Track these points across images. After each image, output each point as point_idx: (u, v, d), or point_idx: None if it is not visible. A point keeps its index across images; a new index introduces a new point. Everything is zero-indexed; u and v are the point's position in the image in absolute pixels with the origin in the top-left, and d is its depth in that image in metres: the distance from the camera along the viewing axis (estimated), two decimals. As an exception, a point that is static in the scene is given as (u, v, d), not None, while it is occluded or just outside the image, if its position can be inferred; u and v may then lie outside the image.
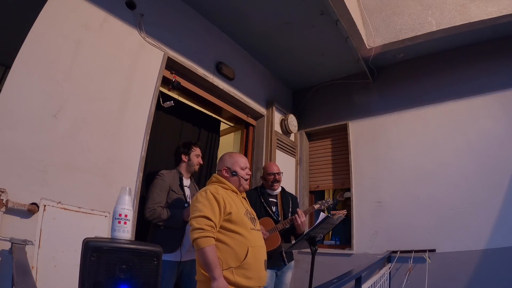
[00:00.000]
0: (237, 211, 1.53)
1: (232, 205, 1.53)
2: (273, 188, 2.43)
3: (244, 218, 1.55)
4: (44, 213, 1.63)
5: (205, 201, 1.47)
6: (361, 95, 3.82)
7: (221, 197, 1.50)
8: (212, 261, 1.36)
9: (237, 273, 1.42)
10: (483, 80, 3.09)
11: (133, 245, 0.96)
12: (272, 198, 2.42)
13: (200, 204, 1.47)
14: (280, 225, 2.23)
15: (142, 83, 2.34)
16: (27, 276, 0.99)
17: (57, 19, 1.86)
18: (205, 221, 1.41)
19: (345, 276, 1.65)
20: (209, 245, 1.37)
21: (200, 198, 1.50)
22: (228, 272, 1.41)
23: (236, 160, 1.72)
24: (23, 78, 1.67)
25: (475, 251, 2.70)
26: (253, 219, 1.63)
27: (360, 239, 3.33)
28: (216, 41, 3.16)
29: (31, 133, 1.67)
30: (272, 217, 2.30)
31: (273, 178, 2.42)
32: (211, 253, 1.36)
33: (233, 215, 1.50)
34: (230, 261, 1.43)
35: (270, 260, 2.20)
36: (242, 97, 3.37)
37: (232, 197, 1.60)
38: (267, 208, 2.33)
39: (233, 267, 1.42)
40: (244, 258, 1.44)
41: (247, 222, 1.55)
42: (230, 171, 1.68)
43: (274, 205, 2.39)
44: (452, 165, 3.02)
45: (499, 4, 2.71)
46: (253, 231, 1.56)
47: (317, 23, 3.05)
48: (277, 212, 2.36)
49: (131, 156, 2.18)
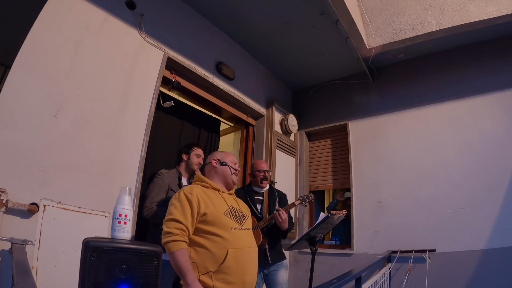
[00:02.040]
0: (214, 211, 1.42)
1: (208, 204, 1.43)
2: (261, 185, 2.41)
3: (223, 218, 1.44)
4: (44, 213, 1.63)
5: (177, 203, 1.40)
6: (361, 95, 3.82)
7: (194, 197, 1.41)
8: (183, 265, 1.28)
9: (216, 278, 1.32)
10: (483, 80, 3.09)
11: (133, 245, 0.96)
12: (258, 196, 2.40)
13: (172, 206, 1.41)
14: (262, 223, 2.21)
15: (142, 83, 2.34)
16: (27, 276, 0.99)
17: (57, 19, 1.86)
18: (175, 224, 1.34)
19: (345, 276, 1.65)
20: (179, 249, 1.29)
21: (173, 200, 1.44)
22: (206, 277, 1.32)
23: (226, 154, 1.72)
24: (23, 78, 1.67)
25: (475, 251, 2.70)
26: (239, 218, 1.52)
27: (360, 239, 3.33)
28: (216, 41, 3.16)
29: (31, 133, 1.67)
30: (256, 215, 2.28)
31: (263, 176, 2.40)
32: (181, 257, 1.28)
33: (209, 216, 1.40)
34: (209, 265, 1.33)
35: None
36: (242, 97, 3.37)
37: (210, 195, 1.49)
38: (251, 206, 2.31)
39: (212, 272, 1.32)
40: (223, 261, 1.33)
41: (227, 222, 1.44)
42: (220, 162, 1.65)
43: (259, 203, 2.37)
44: (452, 165, 3.02)
45: (499, 4, 2.71)
46: (236, 231, 1.44)
47: (317, 23, 3.05)
48: (262, 210, 2.34)
49: (131, 156, 2.18)
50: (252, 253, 1.49)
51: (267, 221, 2.22)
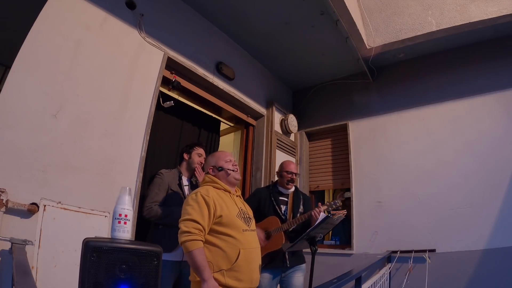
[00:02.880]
0: (228, 213, 1.52)
1: (223, 207, 1.52)
2: (287, 187, 2.36)
3: (236, 220, 1.54)
4: (44, 213, 1.63)
5: (195, 204, 1.47)
6: (361, 95, 3.82)
7: (211, 199, 1.49)
8: (201, 263, 1.37)
9: (228, 276, 1.42)
10: (483, 80, 3.09)
11: (133, 245, 0.96)
12: (283, 197, 2.36)
13: (190, 207, 1.47)
14: (286, 225, 2.16)
15: (142, 83, 2.34)
16: (27, 276, 0.99)
17: (57, 19, 1.86)
18: (193, 224, 1.41)
19: (345, 276, 1.65)
20: (197, 248, 1.38)
21: (190, 201, 1.50)
22: (219, 275, 1.42)
23: (218, 156, 1.74)
24: (23, 78, 1.67)
25: (475, 251, 2.70)
26: (247, 219, 1.62)
27: (360, 239, 3.33)
28: (216, 41, 3.16)
29: (31, 133, 1.67)
30: (280, 217, 2.23)
31: (290, 177, 2.35)
32: (199, 256, 1.37)
33: (224, 218, 1.49)
34: (222, 264, 1.44)
35: (273, 262, 2.16)
36: (242, 97, 3.37)
37: (224, 198, 1.58)
38: (275, 207, 2.27)
39: (224, 270, 1.43)
40: (235, 260, 1.44)
41: (239, 224, 1.54)
42: (216, 168, 1.69)
43: (284, 204, 2.32)
44: (452, 165, 3.02)
45: (499, 4, 2.71)
46: (246, 232, 1.55)
47: (317, 23, 3.05)
48: (286, 212, 2.30)
49: (131, 156, 2.18)
50: (258, 253, 1.61)
51: (292, 223, 2.16)
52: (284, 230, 2.16)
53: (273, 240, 2.15)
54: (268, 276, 2.17)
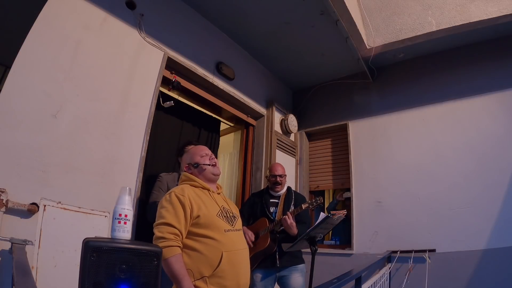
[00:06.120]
0: (206, 212, 1.37)
1: (201, 206, 1.37)
2: (275, 189, 2.40)
3: (216, 220, 1.38)
4: (44, 213, 1.63)
5: (169, 206, 1.33)
6: (361, 95, 3.82)
7: (187, 199, 1.35)
8: (179, 272, 1.22)
9: (211, 283, 1.27)
10: (483, 80, 3.09)
11: (133, 245, 0.95)
12: (274, 199, 2.40)
13: (164, 209, 1.33)
14: (271, 226, 2.20)
15: (142, 83, 2.34)
16: (27, 276, 0.99)
17: (57, 19, 1.86)
18: (168, 228, 1.27)
19: (345, 276, 1.65)
20: (173, 255, 1.23)
21: (164, 202, 1.36)
22: (201, 282, 1.27)
23: (193, 152, 1.62)
24: (23, 78, 1.67)
25: (475, 251, 2.70)
26: (230, 219, 1.46)
27: (360, 239, 3.33)
28: (216, 41, 3.16)
29: (31, 133, 1.67)
30: (268, 218, 2.26)
31: (274, 180, 2.39)
32: (176, 264, 1.22)
33: (202, 218, 1.34)
34: (203, 270, 1.29)
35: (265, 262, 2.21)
36: (242, 97, 3.37)
37: (202, 196, 1.44)
38: (265, 209, 2.32)
39: (207, 276, 1.28)
40: (218, 264, 1.29)
41: (220, 224, 1.39)
42: (191, 165, 1.56)
43: (274, 206, 2.36)
44: (452, 165, 3.02)
45: (499, 4, 2.71)
46: (229, 233, 1.40)
47: (317, 23, 3.05)
48: (275, 213, 2.32)
49: (131, 156, 2.18)
50: (245, 255, 1.45)
51: (275, 225, 2.19)
52: (270, 230, 2.19)
53: (259, 241, 2.18)
54: (260, 276, 2.21)
